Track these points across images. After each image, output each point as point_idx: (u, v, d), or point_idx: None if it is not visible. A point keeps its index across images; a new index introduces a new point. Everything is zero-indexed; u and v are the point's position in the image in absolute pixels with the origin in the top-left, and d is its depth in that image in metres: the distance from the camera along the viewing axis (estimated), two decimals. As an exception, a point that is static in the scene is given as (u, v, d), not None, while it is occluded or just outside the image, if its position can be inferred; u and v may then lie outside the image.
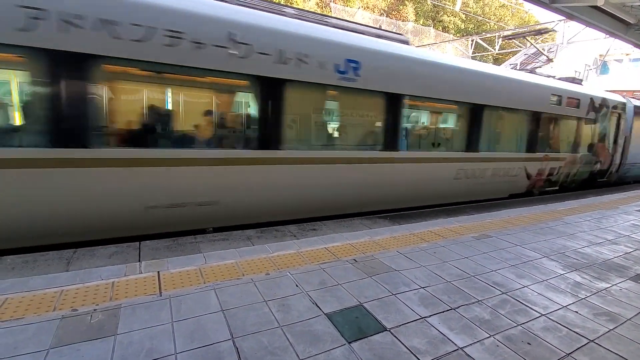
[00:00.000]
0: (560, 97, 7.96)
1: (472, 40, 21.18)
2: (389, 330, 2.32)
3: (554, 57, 19.96)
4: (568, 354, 2.21)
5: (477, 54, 21.52)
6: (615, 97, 9.97)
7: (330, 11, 25.00)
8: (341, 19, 6.09)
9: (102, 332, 2.12)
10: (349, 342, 2.17)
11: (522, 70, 11.45)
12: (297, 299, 2.64)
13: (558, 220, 5.46)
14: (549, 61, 13.80)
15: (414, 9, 32.25)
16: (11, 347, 1.95)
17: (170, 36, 3.66)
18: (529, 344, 2.29)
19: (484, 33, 23.30)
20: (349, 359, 2.03)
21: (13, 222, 3.38)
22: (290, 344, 2.12)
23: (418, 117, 6.29)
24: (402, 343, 2.20)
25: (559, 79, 9.32)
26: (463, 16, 33.29)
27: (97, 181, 3.58)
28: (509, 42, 21.60)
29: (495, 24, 32.95)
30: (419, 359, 2.07)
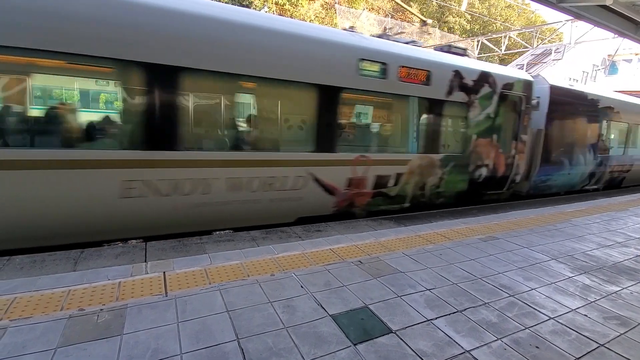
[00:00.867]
0: (385, 66, 5.16)
1: (478, 41, 21.06)
2: (395, 333, 2.30)
3: (561, 58, 19.78)
4: (578, 359, 2.18)
5: (482, 55, 21.39)
6: (514, 73, 7.16)
7: (335, 12, 25.03)
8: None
9: (109, 331, 2.14)
10: (355, 344, 2.16)
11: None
12: (302, 300, 2.63)
13: (566, 222, 5.39)
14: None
15: (420, 10, 32.17)
16: (20, 345, 1.97)
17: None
18: (537, 347, 2.26)
19: (489, 34, 23.18)
20: (355, 361, 2.02)
21: None
22: (296, 345, 2.11)
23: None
24: (408, 345, 2.18)
25: (438, 49, 6.82)
26: (469, 17, 33.12)
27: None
28: (516, 42, 21.44)
29: (501, 25, 32.74)
30: (425, 362, 2.05)
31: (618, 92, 11.01)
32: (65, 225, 3.61)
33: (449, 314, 2.57)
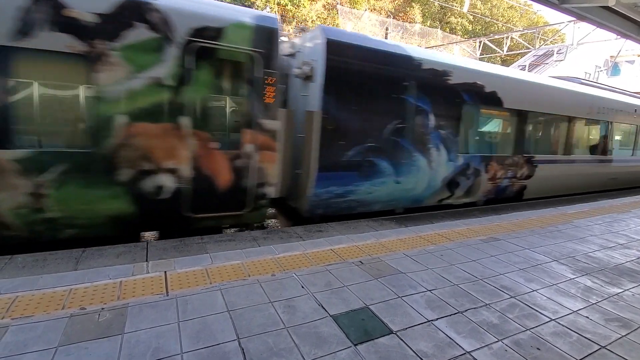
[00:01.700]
0: None
1: (480, 42, 21.03)
2: (395, 333, 2.30)
3: (563, 59, 19.72)
4: (579, 360, 2.17)
5: (484, 56, 21.35)
6: (229, 9, 4.18)
7: (337, 13, 25.04)
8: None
9: (110, 330, 2.14)
10: (355, 345, 2.15)
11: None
12: (302, 300, 2.63)
13: (568, 224, 5.38)
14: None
15: (421, 10, 32.14)
16: (21, 344, 1.98)
17: None
18: (538, 349, 2.25)
19: (491, 34, 23.13)
20: (355, 361, 2.02)
21: None
22: (296, 346, 2.11)
23: None
24: (409, 346, 2.18)
25: None
26: (471, 17, 33.08)
27: None
28: (518, 43, 21.39)
29: (503, 26, 32.69)
30: (425, 363, 2.04)
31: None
32: None
33: (450, 315, 2.57)
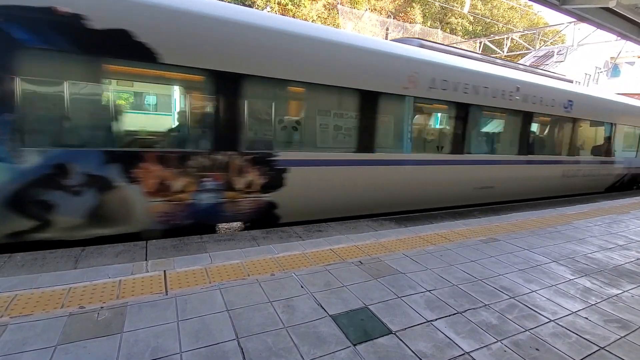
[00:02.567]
0: None
1: (480, 43, 21.03)
2: (395, 333, 2.30)
3: (563, 59, 19.74)
4: (578, 361, 2.17)
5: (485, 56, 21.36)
6: None
7: (337, 13, 25.03)
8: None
9: (109, 329, 2.14)
10: (354, 345, 2.15)
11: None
12: (302, 300, 2.63)
13: (567, 225, 5.38)
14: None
15: (422, 11, 32.13)
16: (20, 342, 1.98)
17: None
18: (537, 349, 2.25)
19: (492, 35, 23.14)
20: (354, 361, 2.01)
21: None
22: (295, 345, 2.11)
23: None
24: (408, 346, 2.18)
25: None
26: (471, 18, 33.07)
27: None
28: (518, 44, 21.40)
29: (503, 26, 32.68)
30: (424, 363, 2.04)
31: (620, 94, 10.60)
32: None
33: (449, 316, 2.57)
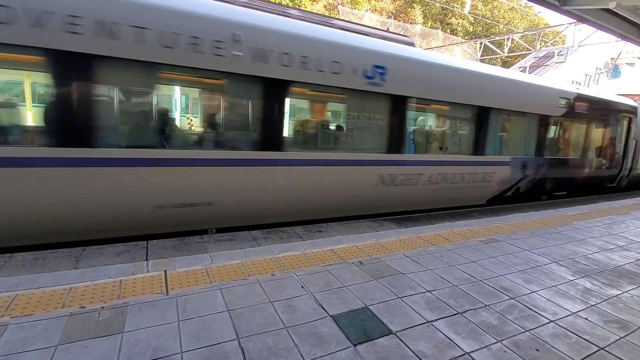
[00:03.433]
0: None
1: (481, 43, 21.04)
2: (395, 334, 2.30)
3: (564, 60, 19.75)
4: (577, 362, 2.18)
5: (485, 57, 21.38)
6: None
7: (338, 13, 25.05)
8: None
9: (110, 329, 2.14)
10: (355, 345, 2.16)
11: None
12: (302, 300, 2.64)
13: (567, 225, 5.38)
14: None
15: (422, 11, 32.17)
16: (21, 342, 1.98)
17: None
18: (537, 350, 2.26)
19: (492, 36, 23.15)
20: (354, 361, 2.02)
21: None
22: (296, 345, 2.11)
23: None
24: (408, 347, 2.18)
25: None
26: (472, 19, 33.11)
27: None
28: (518, 44, 21.42)
29: (504, 27, 32.71)
30: (425, 363, 2.05)
31: (620, 95, 10.54)
32: None
33: (449, 316, 2.57)
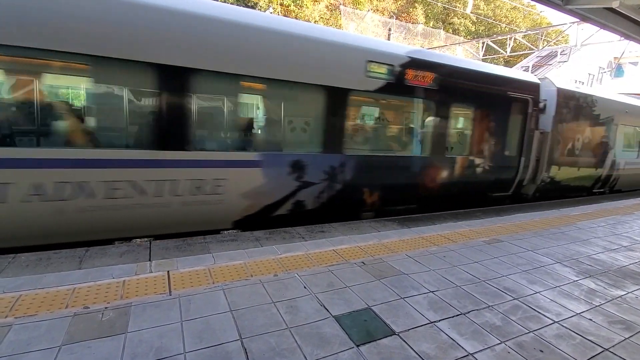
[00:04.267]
0: None
1: (483, 43, 20.98)
2: (398, 334, 2.30)
3: (567, 60, 19.66)
4: (582, 363, 2.16)
5: (487, 57, 21.31)
6: None
7: (340, 13, 25.05)
8: None
9: (113, 330, 2.15)
10: (357, 346, 2.15)
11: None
12: (305, 300, 2.63)
13: (571, 226, 5.36)
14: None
15: (424, 11, 32.11)
16: (24, 343, 1.99)
17: None
18: (541, 351, 2.24)
19: (495, 35, 23.08)
20: (357, 362, 2.01)
21: None
22: (298, 346, 2.11)
23: None
24: (411, 347, 2.18)
25: None
26: (474, 18, 33.02)
27: None
28: (521, 44, 21.34)
29: (506, 26, 32.60)
30: (428, 364, 2.04)
31: (623, 94, 10.45)
32: None
33: (453, 317, 2.56)
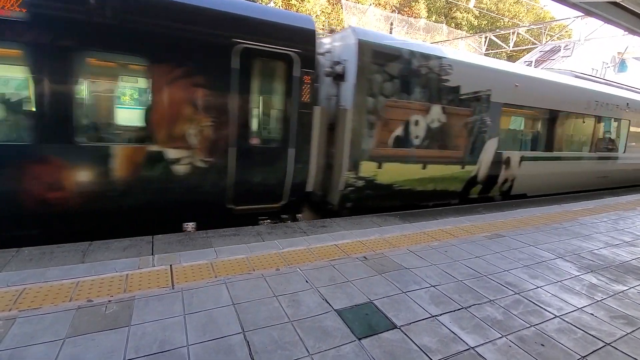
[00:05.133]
0: None
1: (486, 38, 20.82)
2: (399, 328, 2.31)
3: (570, 55, 19.49)
4: (583, 357, 2.17)
5: (490, 51, 21.14)
6: None
7: (342, 8, 24.84)
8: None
9: (117, 322, 2.16)
10: (359, 339, 2.16)
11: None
12: (307, 294, 2.64)
13: (573, 221, 5.35)
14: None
15: (426, 5, 31.84)
16: (29, 335, 2.00)
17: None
18: (542, 345, 2.25)
19: (497, 30, 22.89)
20: (359, 355, 2.03)
21: None
22: (300, 339, 2.12)
23: None
24: (413, 341, 2.19)
25: None
26: (477, 13, 32.71)
27: None
28: (524, 38, 21.16)
29: (509, 21, 32.29)
30: (429, 358, 2.05)
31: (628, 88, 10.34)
32: None
33: (454, 311, 2.57)
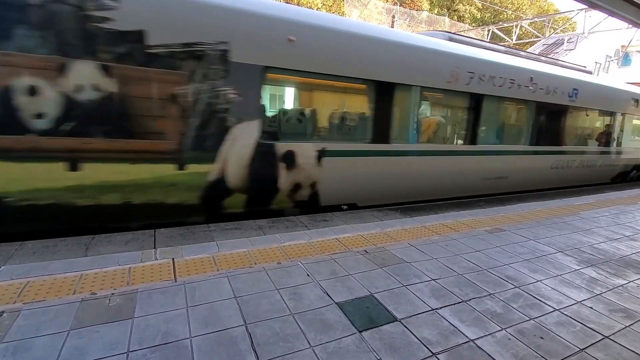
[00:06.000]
0: None
1: (489, 30, 20.64)
2: (400, 321, 2.33)
3: (573, 48, 19.33)
4: (582, 350, 2.19)
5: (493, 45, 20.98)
6: None
7: (343, 0, 24.61)
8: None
9: (120, 315, 2.19)
10: (360, 331, 2.19)
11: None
12: (308, 287, 2.67)
13: (574, 215, 5.35)
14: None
15: (429, -2, 31.51)
16: (33, 328, 2.03)
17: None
18: (541, 338, 2.27)
19: (500, 22, 22.67)
20: (360, 347, 2.05)
21: None
22: (302, 331, 2.15)
23: None
24: (413, 333, 2.21)
25: None
26: (479, 5, 32.39)
27: None
28: (527, 31, 20.96)
29: (512, 13, 31.96)
30: (429, 350, 2.07)
31: (631, 84, 10.31)
32: None
33: (454, 304, 2.59)
